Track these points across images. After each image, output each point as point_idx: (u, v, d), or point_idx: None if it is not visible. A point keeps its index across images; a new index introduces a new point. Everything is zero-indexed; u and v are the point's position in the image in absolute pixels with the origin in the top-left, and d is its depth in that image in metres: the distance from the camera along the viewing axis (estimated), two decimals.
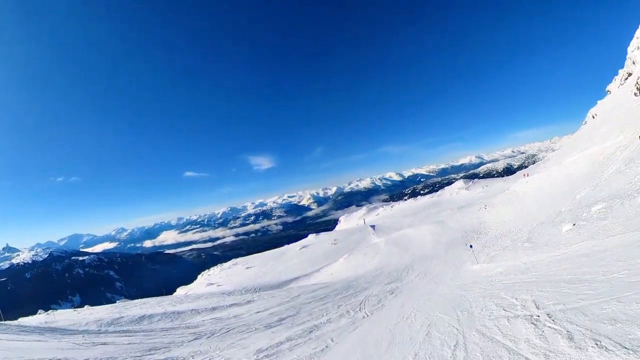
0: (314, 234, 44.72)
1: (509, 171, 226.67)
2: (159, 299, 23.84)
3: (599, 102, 46.09)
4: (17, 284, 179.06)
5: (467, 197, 47.24)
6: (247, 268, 35.43)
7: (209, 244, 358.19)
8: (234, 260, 40.26)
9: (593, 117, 42.20)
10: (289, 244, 44.40)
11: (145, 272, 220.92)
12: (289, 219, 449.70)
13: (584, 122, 47.47)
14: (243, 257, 41.50)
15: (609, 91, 50.40)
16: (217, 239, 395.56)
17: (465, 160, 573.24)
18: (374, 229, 38.46)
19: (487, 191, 45.46)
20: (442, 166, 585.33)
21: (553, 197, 21.89)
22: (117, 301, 26.41)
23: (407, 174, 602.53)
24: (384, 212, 57.83)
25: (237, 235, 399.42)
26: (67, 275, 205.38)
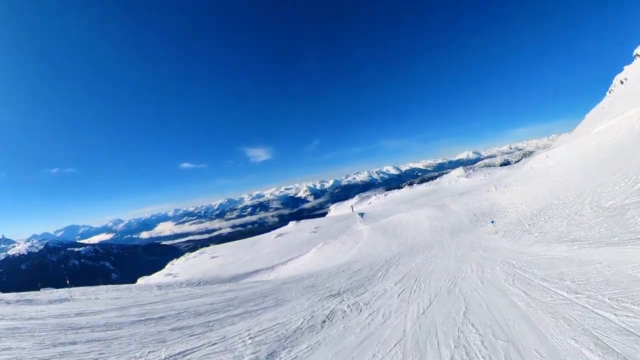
0: (295, 222, 41.93)
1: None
2: None
3: (626, 67, 43.62)
4: (13, 276, 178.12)
5: (467, 184, 43.80)
6: (212, 258, 32.83)
7: (206, 236, 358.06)
8: (202, 250, 37.57)
9: (622, 83, 39.29)
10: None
11: (142, 263, 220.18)
12: (286, 211, 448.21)
13: (609, 91, 44.98)
14: (211, 247, 38.59)
15: (637, 55, 48.31)
16: (214, 230, 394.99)
17: (462, 155, 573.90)
18: (362, 216, 36.30)
19: (490, 178, 42.23)
20: (440, 161, 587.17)
21: (585, 171, 18.89)
22: None
23: (404, 168, 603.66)
24: (376, 201, 54.70)
25: (233, 226, 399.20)
26: (62, 266, 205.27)
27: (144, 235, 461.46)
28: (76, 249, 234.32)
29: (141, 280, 30.77)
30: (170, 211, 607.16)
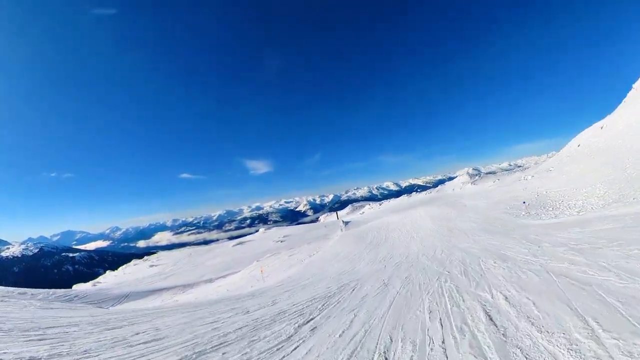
0: (264, 228, 40.47)
1: None
2: None
3: None
4: (4, 278, 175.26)
5: (475, 190, 37.09)
6: (151, 266, 30.73)
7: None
8: (147, 257, 35.70)
9: None
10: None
11: None
12: (285, 224, 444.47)
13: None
14: (157, 254, 36.51)
15: None
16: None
17: (462, 172, 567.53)
18: (346, 224, 33.66)
19: (501, 184, 35.59)
20: (439, 177, 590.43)
21: None
22: None
23: (404, 184, 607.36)
24: (370, 211, 53.56)
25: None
26: (55, 271, 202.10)
27: (141, 244, 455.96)
28: (71, 255, 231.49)
29: (76, 286, 28.82)
30: (169, 221, 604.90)
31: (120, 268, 33.94)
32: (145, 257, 35.76)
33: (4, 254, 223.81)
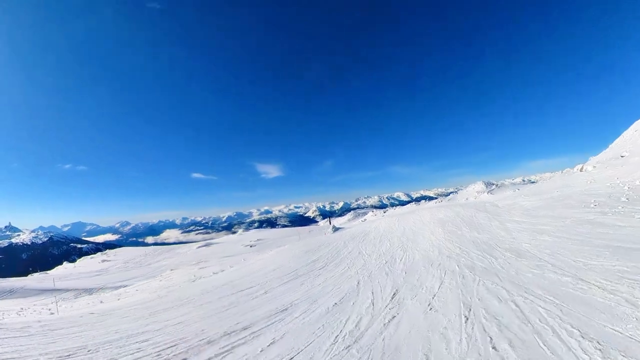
0: (243, 229, 37.49)
1: None
2: None
3: None
4: (12, 264, 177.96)
5: (493, 200, 32.62)
6: (103, 261, 29.24)
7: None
8: (106, 252, 34.29)
9: None
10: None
11: None
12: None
13: None
14: (115, 250, 35.08)
15: None
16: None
17: (475, 186, 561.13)
18: (334, 230, 29.03)
19: (522, 193, 29.98)
20: (451, 190, 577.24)
21: None
22: None
23: (415, 194, 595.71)
24: (372, 217, 48.41)
25: None
26: (62, 260, 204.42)
27: (149, 239, 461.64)
28: (79, 245, 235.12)
29: (36, 274, 28.04)
30: (178, 219, 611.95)
31: (79, 259, 31.79)
32: (104, 252, 33.69)
33: (14, 241, 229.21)
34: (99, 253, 33.96)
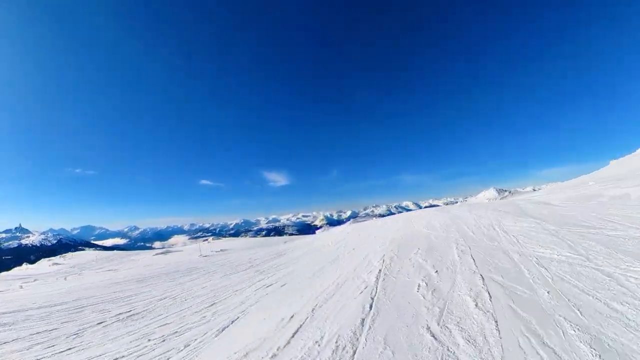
0: (210, 239, 36.11)
1: None
2: None
3: None
4: (20, 265, 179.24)
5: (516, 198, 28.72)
6: (54, 264, 28.40)
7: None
8: (64, 255, 33.24)
9: None
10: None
11: None
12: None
13: None
14: (71, 253, 34.32)
15: None
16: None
17: (486, 192, 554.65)
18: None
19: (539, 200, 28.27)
20: (460, 199, 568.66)
21: None
22: None
23: (423, 204, 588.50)
24: (372, 225, 45.51)
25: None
26: None
27: (157, 245, 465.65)
28: (87, 249, 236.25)
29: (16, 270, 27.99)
30: (186, 225, 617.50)
31: (41, 260, 30.82)
32: (65, 254, 32.93)
33: (23, 242, 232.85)
34: (58, 256, 33.16)
